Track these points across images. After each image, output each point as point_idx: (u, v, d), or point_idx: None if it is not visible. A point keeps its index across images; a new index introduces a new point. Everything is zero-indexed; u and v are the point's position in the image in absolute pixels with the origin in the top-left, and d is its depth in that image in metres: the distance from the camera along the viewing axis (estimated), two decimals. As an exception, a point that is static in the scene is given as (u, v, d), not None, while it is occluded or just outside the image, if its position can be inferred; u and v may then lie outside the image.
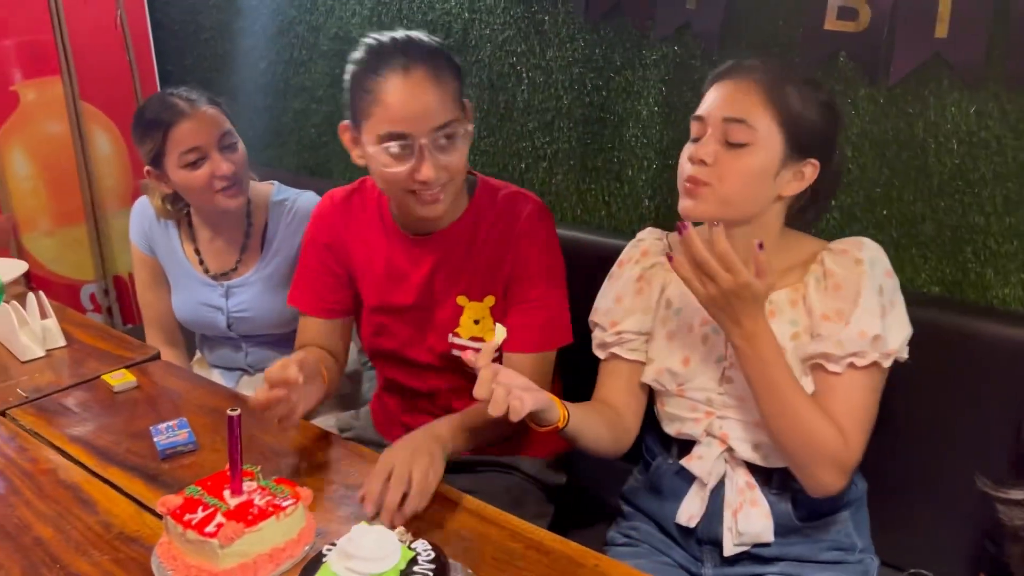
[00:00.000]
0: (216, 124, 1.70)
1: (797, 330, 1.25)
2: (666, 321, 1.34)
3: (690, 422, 1.32)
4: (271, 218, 1.83)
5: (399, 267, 1.47)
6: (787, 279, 1.27)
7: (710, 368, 1.30)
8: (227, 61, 2.69)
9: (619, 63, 1.81)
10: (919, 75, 1.44)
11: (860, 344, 1.18)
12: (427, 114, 1.26)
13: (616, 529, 1.45)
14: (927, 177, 1.47)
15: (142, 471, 1.27)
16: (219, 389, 1.54)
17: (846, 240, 1.26)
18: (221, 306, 1.85)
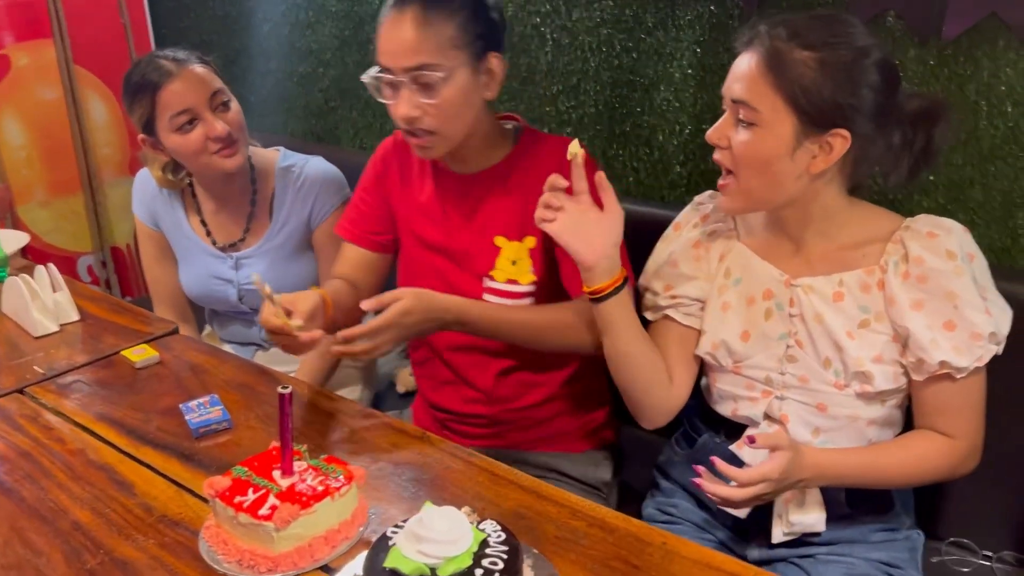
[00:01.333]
0: (206, 83, 1.61)
1: (867, 317, 1.18)
2: (723, 290, 1.28)
3: (746, 401, 1.27)
4: (278, 185, 1.76)
5: (437, 202, 1.46)
6: (859, 258, 1.20)
7: (772, 345, 1.24)
8: (227, 23, 2.59)
9: (651, 24, 1.75)
10: (972, 35, 1.39)
11: (977, 348, 1.13)
12: (403, 52, 1.27)
13: (653, 504, 1.42)
14: (977, 141, 1.43)
15: (176, 450, 1.22)
16: (246, 364, 1.48)
17: (927, 219, 1.18)
18: (231, 278, 1.79)
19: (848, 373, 1.19)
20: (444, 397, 1.54)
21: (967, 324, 1.13)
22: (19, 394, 1.37)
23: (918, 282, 1.14)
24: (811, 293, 1.21)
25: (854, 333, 1.18)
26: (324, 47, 2.36)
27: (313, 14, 2.34)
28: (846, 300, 1.19)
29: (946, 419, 1.19)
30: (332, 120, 2.42)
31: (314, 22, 2.35)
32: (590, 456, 1.53)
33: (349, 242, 1.54)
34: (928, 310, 1.14)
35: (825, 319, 1.19)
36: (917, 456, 1.19)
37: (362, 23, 2.25)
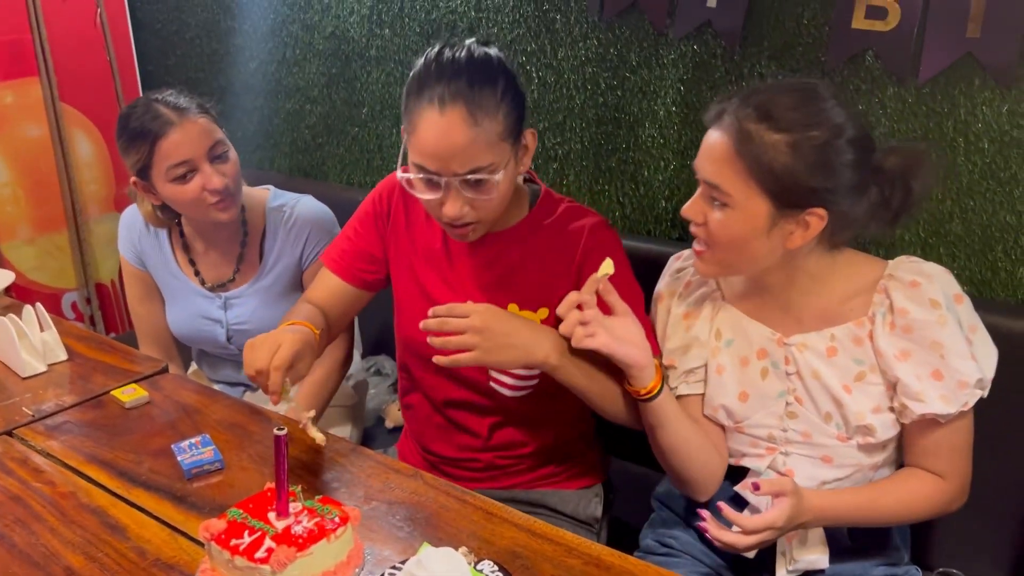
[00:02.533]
0: (206, 135, 1.59)
1: (863, 369, 1.20)
2: (716, 353, 1.28)
3: (751, 458, 1.28)
4: (269, 225, 1.75)
5: (446, 255, 1.42)
6: (847, 311, 1.21)
7: (771, 403, 1.24)
8: (214, 61, 2.61)
9: (635, 62, 1.78)
10: (949, 74, 1.43)
11: (963, 395, 1.15)
12: (455, 158, 1.20)
13: (652, 535, 1.42)
14: (956, 176, 1.47)
15: (168, 492, 1.21)
16: (236, 403, 1.47)
17: (909, 266, 1.19)
18: (220, 319, 1.78)
19: (850, 427, 1.20)
20: (437, 443, 1.52)
21: (953, 373, 1.14)
22: (7, 436, 1.36)
23: (904, 332, 1.16)
24: (805, 350, 1.22)
25: (851, 387, 1.20)
26: (311, 84, 2.38)
27: (300, 52, 2.37)
28: (840, 354, 1.20)
29: (935, 460, 1.21)
30: (319, 156, 2.44)
31: (301, 60, 2.38)
32: (582, 494, 1.53)
33: (333, 273, 1.50)
34: (915, 360, 1.15)
35: (822, 375, 1.20)
36: (911, 496, 1.21)
37: (348, 61, 2.27)
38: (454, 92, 1.18)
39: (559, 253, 1.36)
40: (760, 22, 1.60)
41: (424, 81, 1.21)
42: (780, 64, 1.59)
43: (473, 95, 1.18)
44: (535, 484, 1.51)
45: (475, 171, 1.21)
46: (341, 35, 2.26)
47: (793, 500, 1.13)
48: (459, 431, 1.48)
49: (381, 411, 2.08)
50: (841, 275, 1.21)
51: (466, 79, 1.19)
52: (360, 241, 1.49)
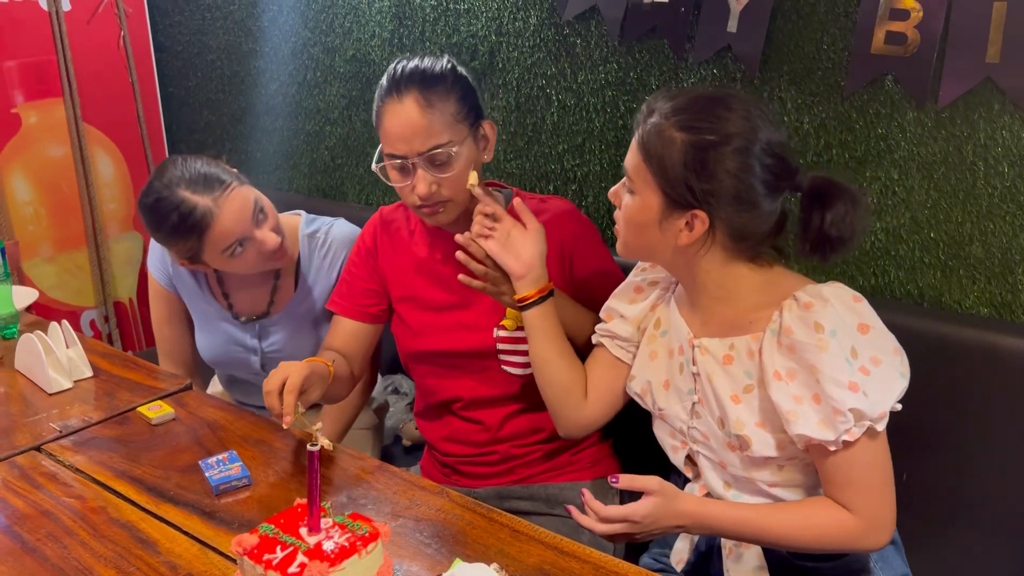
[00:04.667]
0: (247, 206, 1.54)
1: (751, 383, 1.19)
2: (653, 340, 1.34)
3: (670, 449, 1.33)
4: (303, 252, 1.73)
5: (437, 263, 1.52)
6: (750, 324, 1.20)
7: (683, 398, 1.28)
8: (234, 82, 2.65)
9: (655, 86, 1.80)
10: (968, 99, 1.45)
11: (840, 423, 1.10)
12: (416, 136, 1.36)
13: (648, 555, 1.44)
14: (976, 199, 1.48)
15: (197, 507, 1.22)
16: (261, 420, 1.49)
17: (815, 288, 1.16)
18: (255, 347, 1.76)
19: (731, 435, 1.20)
20: (453, 445, 1.58)
21: (827, 399, 1.10)
22: (36, 451, 1.37)
23: (788, 352, 1.14)
24: (706, 354, 1.23)
25: (739, 397, 1.20)
26: (331, 106, 2.41)
27: (321, 74, 2.40)
28: (734, 364, 1.20)
29: (841, 491, 1.15)
30: (338, 177, 2.47)
31: (322, 82, 2.41)
32: (599, 485, 1.55)
33: (341, 315, 1.60)
34: (799, 381, 1.13)
35: (714, 380, 1.22)
36: (810, 521, 1.16)
37: (369, 83, 2.30)
38: (407, 84, 1.38)
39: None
40: (780, 47, 1.62)
41: (384, 89, 1.41)
42: (799, 88, 1.61)
43: (425, 83, 1.38)
44: (551, 476, 1.55)
45: (435, 147, 1.36)
46: (362, 58, 2.29)
47: (657, 500, 1.15)
48: (473, 427, 1.55)
49: (398, 430, 2.09)
50: (752, 288, 1.20)
51: (419, 76, 1.39)
52: (357, 281, 1.60)
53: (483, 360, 1.51)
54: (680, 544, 1.33)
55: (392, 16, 2.19)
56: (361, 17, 2.26)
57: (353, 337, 1.59)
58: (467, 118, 1.41)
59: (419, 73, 1.39)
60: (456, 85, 1.40)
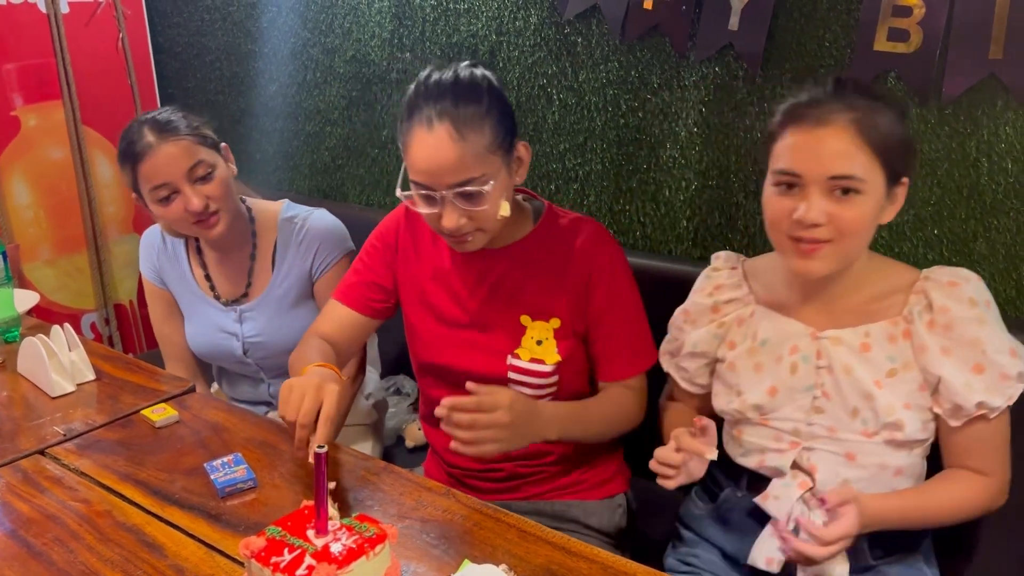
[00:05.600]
0: (183, 158, 1.60)
1: (895, 366, 1.22)
2: (754, 353, 1.31)
3: (774, 453, 1.29)
4: (280, 236, 1.77)
5: (456, 276, 1.46)
6: (883, 310, 1.24)
7: (799, 397, 1.27)
8: (234, 84, 2.64)
9: (656, 84, 1.80)
10: (972, 96, 1.45)
11: (1006, 387, 1.18)
12: (446, 171, 1.26)
13: (674, 555, 1.43)
14: (980, 196, 1.48)
15: (203, 510, 1.21)
16: (265, 422, 1.48)
17: (943, 270, 1.23)
18: (236, 332, 1.80)
19: (878, 421, 1.22)
20: (460, 456, 1.53)
21: (995, 366, 1.18)
22: (40, 455, 1.37)
23: (944, 330, 1.19)
24: (839, 345, 1.24)
25: (882, 382, 1.21)
26: (331, 107, 2.40)
27: (321, 75, 2.40)
28: (873, 350, 1.22)
29: (980, 458, 1.23)
30: (339, 178, 2.46)
31: (321, 82, 2.40)
32: (606, 504, 1.53)
33: (342, 303, 1.55)
34: (957, 356, 1.18)
35: (854, 370, 1.22)
36: (959, 494, 1.23)
37: (369, 84, 2.30)
38: (440, 111, 1.26)
39: (566, 266, 1.42)
40: (782, 44, 1.62)
41: (413, 104, 1.29)
42: (802, 86, 1.61)
43: (458, 112, 1.26)
44: (558, 494, 1.52)
45: (466, 183, 1.27)
46: (362, 59, 2.29)
47: (858, 507, 1.14)
48: None
49: (401, 430, 2.08)
50: (877, 275, 1.25)
51: (451, 98, 1.27)
52: (369, 274, 1.54)
53: (494, 385, 1.42)
54: (765, 545, 1.28)
55: (392, 16, 2.19)
56: (361, 17, 2.25)
57: (349, 327, 1.54)
58: (501, 146, 1.30)
59: (453, 101, 1.27)
60: (492, 111, 1.28)
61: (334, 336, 1.52)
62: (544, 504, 1.51)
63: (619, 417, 1.45)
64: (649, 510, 1.63)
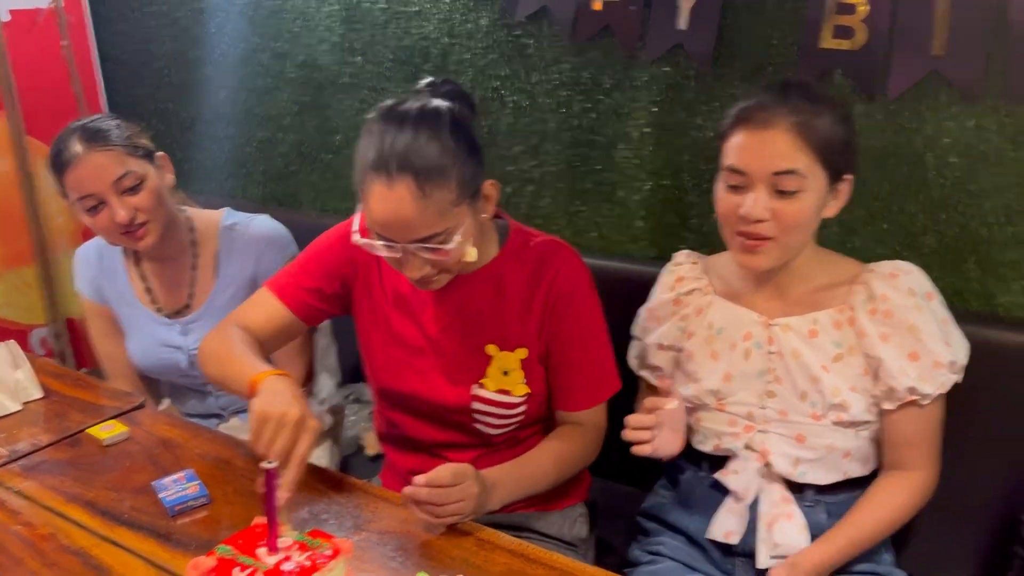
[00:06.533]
0: (110, 168, 1.55)
1: (841, 351, 1.28)
2: (711, 341, 1.36)
3: (729, 436, 1.34)
4: (222, 245, 1.73)
5: (418, 300, 1.39)
6: (829, 299, 1.30)
7: (752, 382, 1.32)
8: (183, 91, 2.60)
9: (608, 85, 1.80)
10: (917, 91, 1.47)
11: (939, 375, 1.25)
12: (408, 229, 1.18)
13: (639, 547, 1.44)
14: (927, 190, 1.50)
15: (152, 530, 1.18)
16: (219, 436, 1.45)
17: (885, 263, 1.30)
18: (180, 345, 1.75)
19: (825, 404, 1.27)
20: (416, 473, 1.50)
21: (929, 354, 1.24)
22: (-17, 478, 1.33)
23: (884, 317, 1.25)
24: (788, 331, 1.30)
25: (829, 367, 1.27)
26: (283, 112, 2.37)
27: (271, 80, 2.36)
28: (820, 336, 1.28)
29: (910, 450, 1.29)
30: (292, 184, 2.43)
31: (272, 88, 2.37)
32: (566, 514, 1.52)
33: (278, 299, 1.43)
34: (894, 342, 1.24)
35: (802, 355, 1.28)
36: (892, 505, 1.29)
37: (321, 88, 2.27)
38: (401, 164, 1.15)
39: (534, 292, 1.35)
40: (731, 44, 1.63)
41: (372, 148, 1.18)
42: (752, 84, 1.62)
43: (421, 166, 1.15)
44: (518, 508, 1.50)
45: (429, 238, 1.19)
46: (312, 63, 2.26)
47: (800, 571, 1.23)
48: (440, 463, 1.45)
49: (360, 439, 2.06)
50: (824, 268, 1.32)
51: (412, 149, 1.16)
52: (314, 279, 1.43)
53: (457, 415, 1.39)
54: (729, 517, 1.33)
55: (341, 20, 2.16)
56: (310, 22, 2.23)
57: (279, 324, 1.43)
58: (466, 195, 1.20)
59: (415, 153, 1.15)
60: (457, 160, 1.18)
61: (260, 330, 1.42)
62: (502, 516, 1.48)
63: (568, 464, 1.38)
64: (611, 515, 1.62)
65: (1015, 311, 1.48)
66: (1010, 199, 1.43)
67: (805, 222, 1.22)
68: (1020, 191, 1.43)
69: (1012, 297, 1.47)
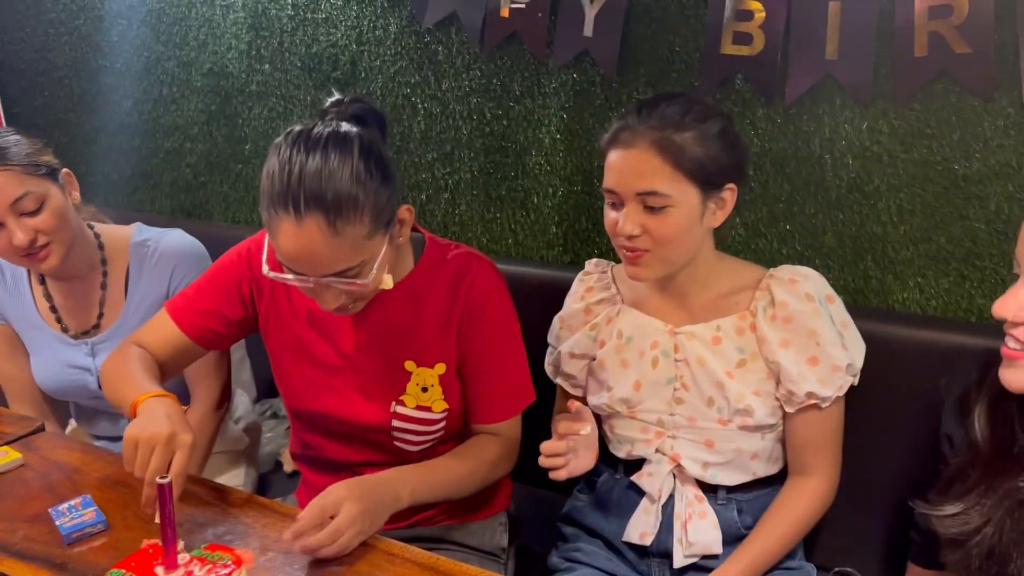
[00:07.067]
0: (7, 189, 1.47)
1: (744, 357, 1.30)
2: (620, 350, 1.37)
3: (641, 443, 1.36)
4: (132, 262, 1.67)
5: (331, 321, 1.35)
6: (732, 305, 1.32)
7: (661, 390, 1.33)
8: (85, 101, 2.51)
9: (518, 92, 1.80)
10: (813, 95, 1.51)
11: (837, 379, 1.27)
12: (318, 265, 1.14)
13: (557, 554, 1.45)
14: (826, 191, 1.54)
15: (46, 560, 1.13)
16: (119, 459, 1.38)
17: (787, 268, 1.32)
18: (89, 366, 1.68)
19: (730, 409, 1.29)
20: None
21: (827, 358, 1.26)
22: None
23: (784, 323, 1.27)
24: (693, 339, 1.31)
25: (733, 372, 1.29)
26: (191, 122, 2.31)
27: (177, 89, 2.30)
28: (724, 343, 1.30)
29: (813, 453, 1.33)
30: (202, 195, 2.37)
31: (179, 97, 2.31)
32: (487, 524, 1.51)
33: (175, 322, 1.39)
34: (794, 347, 1.27)
35: (707, 361, 1.30)
36: (794, 516, 1.32)
37: (229, 97, 2.22)
38: (310, 200, 1.10)
39: (451, 306, 1.33)
40: (635, 50, 1.65)
41: (279, 179, 1.12)
42: (656, 90, 1.64)
43: (332, 200, 1.10)
44: (438, 519, 1.48)
45: (340, 273, 1.16)
46: (220, 71, 2.21)
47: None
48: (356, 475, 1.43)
49: (279, 455, 2.01)
50: (727, 273, 1.34)
51: (319, 184, 1.10)
52: (212, 301, 1.39)
53: (375, 434, 1.37)
54: (644, 518, 1.35)
55: (248, 27, 2.12)
56: (216, 29, 2.18)
57: (175, 348, 1.39)
58: (381, 223, 1.16)
59: (323, 188, 1.10)
60: (370, 191, 1.13)
61: (157, 352, 1.39)
62: (422, 529, 1.46)
63: (479, 474, 1.35)
64: (533, 522, 1.62)
65: (911, 307, 1.53)
66: (903, 198, 1.49)
67: (677, 236, 1.23)
68: (911, 191, 1.48)
69: (908, 293, 1.53)
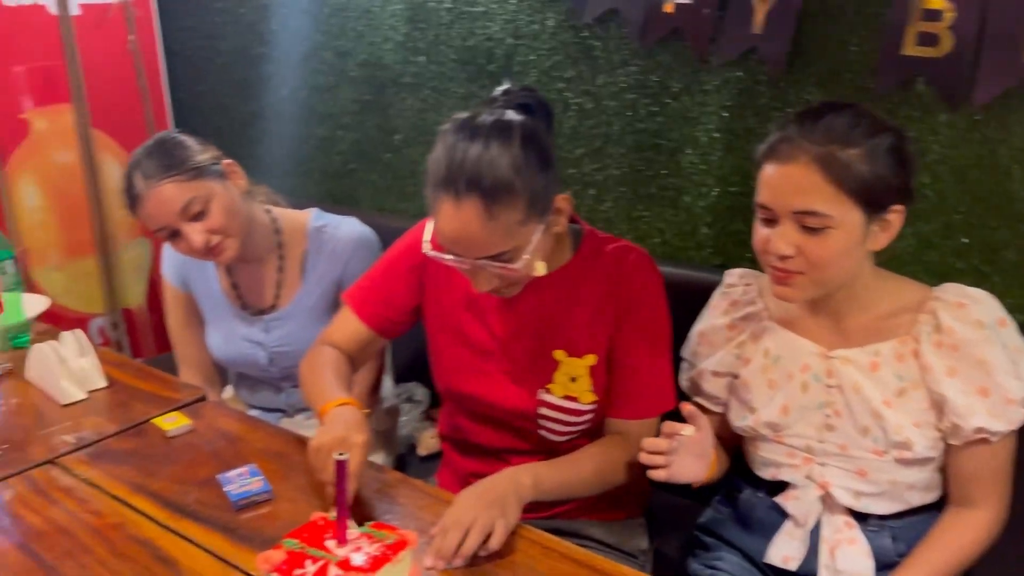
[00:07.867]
0: (173, 201, 1.55)
1: (903, 385, 1.21)
2: (767, 370, 1.30)
3: (787, 468, 1.29)
4: (311, 246, 1.74)
5: (488, 302, 1.38)
6: (892, 329, 1.23)
7: (811, 415, 1.26)
8: (244, 87, 2.62)
9: (676, 89, 1.77)
10: (1004, 101, 1.41)
11: (1011, 412, 1.17)
12: (474, 247, 1.18)
13: (697, 561, 1.41)
14: (1011, 203, 1.45)
15: (217, 523, 1.18)
16: (279, 432, 1.45)
17: (955, 289, 1.21)
18: (262, 341, 1.76)
19: (887, 441, 1.21)
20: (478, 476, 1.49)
21: (1000, 390, 1.16)
22: (51, 465, 1.34)
23: (950, 351, 1.18)
24: (848, 364, 1.24)
25: (892, 402, 1.21)
26: (344, 111, 2.38)
27: (333, 79, 2.37)
28: (882, 370, 1.21)
29: (978, 486, 1.22)
30: (350, 183, 2.44)
31: (333, 86, 2.38)
32: (626, 524, 1.50)
33: (357, 317, 1.46)
34: (962, 377, 1.17)
35: (863, 389, 1.22)
36: (957, 548, 1.22)
37: (382, 87, 2.27)
38: (469, 183, 1.14)
39: (607, 298, 1.33)
40: (807, 48, 1.59)
41: (442, 163, 1.17)
42: (827, 91, 1.58)
43: (490, 185, 1.14)
44: (577, 514, 1.48)
45: (497, 256, 1.19)
46: (375, 62, 2.26)
47: None
48: (502, 466, 1.44)
49: (413, 439, 2.05)
50: (888, 294, 1.24)
51: (481, 169, 1.14)
52: (387, 291, 1.46)
53: (521, 421, 1.38)
54: (783, 543, 1.30)
55: (406, 19, 2.17)
56: (374, 20, 2.23)
57: (361, 340, 1.47)
58: (537, 211, 1.18)
59: (483, 172, 1.13)
60: (528, 178, 1.15)
61: (346, 347, 1.47)
62: (563, 522, 1.47)
63: (608, 474, 1.34)
64: (667, 528, 1.59)
65: (1101, 331, 1.42)
66: (1101, 215, 1.38)
67: (835, 260, 1.14)
68: (1112, 207, 1.37)
69: (1099, 317, 1.41)
